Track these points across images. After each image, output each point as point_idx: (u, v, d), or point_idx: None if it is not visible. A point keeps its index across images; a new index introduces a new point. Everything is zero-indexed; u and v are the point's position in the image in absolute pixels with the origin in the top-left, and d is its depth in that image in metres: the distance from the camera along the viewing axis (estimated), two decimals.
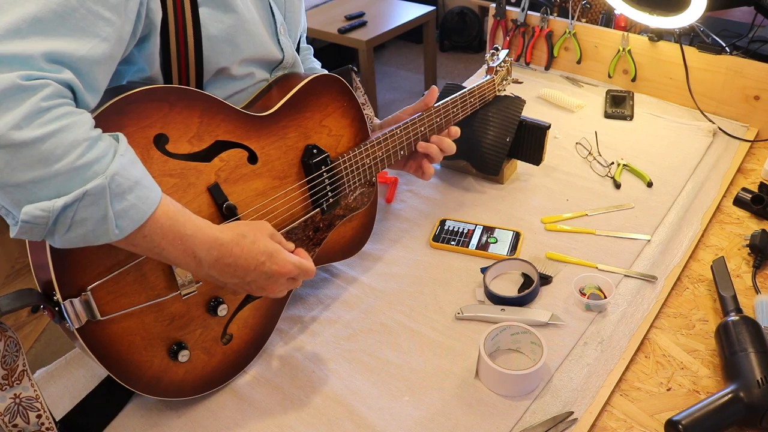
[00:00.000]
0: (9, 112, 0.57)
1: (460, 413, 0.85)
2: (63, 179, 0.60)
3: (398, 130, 1.04)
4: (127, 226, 0.64)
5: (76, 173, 0.60)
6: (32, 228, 0.61)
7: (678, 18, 1.32)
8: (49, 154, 0.59)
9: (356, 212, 1.04)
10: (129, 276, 0.75)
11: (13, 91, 0.57)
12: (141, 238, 0.67)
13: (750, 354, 0.83)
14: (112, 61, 0.69)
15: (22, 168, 0.58)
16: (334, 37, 3.22)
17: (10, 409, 0.72)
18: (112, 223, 0.63)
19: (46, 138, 0.59)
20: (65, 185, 0.60)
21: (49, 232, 0.62)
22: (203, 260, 0.72)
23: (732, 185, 1.28)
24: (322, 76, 0.94)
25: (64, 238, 0.63)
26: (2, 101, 0.57)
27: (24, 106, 0.58)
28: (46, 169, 0.59)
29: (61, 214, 0.60)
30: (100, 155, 0.62)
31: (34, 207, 0.59)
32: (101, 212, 0.62)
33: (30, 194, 0.59)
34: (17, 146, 0.57)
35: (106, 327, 0.74)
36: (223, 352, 0.87)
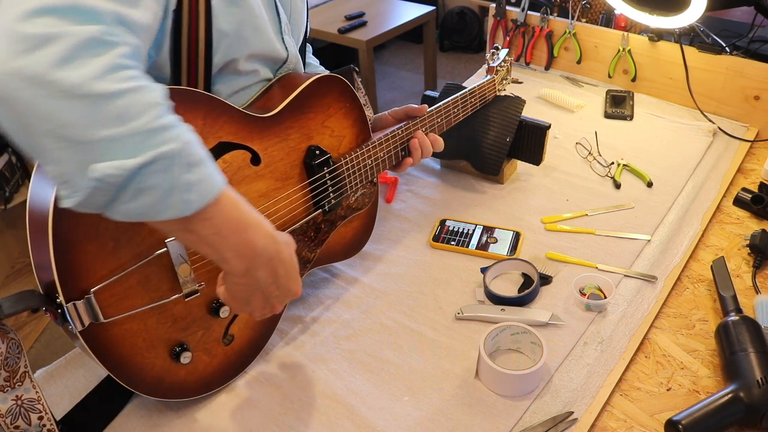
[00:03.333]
0: (90, 63, 0.55)
1: (460, 413, 0.85)
2: (137, 140, 0.57)
3: (399, 131, 1.04)
4: (195, 201, 0.61)
5: (150, 135, 0.57)
6: (98, 192, 0.57)
7: (678, 18, 1.32)
8: (125, 110, 0.56)
9: (357, 212, 1.04)
10: (132, 278, 0.75)
11: (95, 43, 0.56)
12: (201, 222, 0.63)
13: (750, 354, 0.83)
14: (152, 35, 0.68)
15: (97, 123, 0.55)
16: (334, 37, 3.22)
17: (12, 410, 0.72)
18: (180, 196, 0.60)
19: (125, 93, 0.56)
20: (138, 146, 0.57)
21: (113, 198, 0.58)
22: (261, 255, 0.68)
23: (732, 185, 1.28)
24: (325, 77, 0.94)
25: (126, 206, 0.59)
26: (84, 51, 0.55)
27: (103, 58, 0.56)
28: (121, 127, 0.56)
29: (135, 175, 0.57)
30: (172, 123, 0.60)
31: (107, 165, 0.56)
32: (171, 180, 0.59)
33: (101, 153, 0.56)
34: (95, 98, 0.55)
35: (108, 329, 0.74)
36: (225, 353, 0.87)
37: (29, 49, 0.54)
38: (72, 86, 0.54)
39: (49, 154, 0.56)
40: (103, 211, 0.60)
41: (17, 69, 0.53)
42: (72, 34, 0.55)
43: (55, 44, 0.54)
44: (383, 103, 3.85)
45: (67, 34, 0.55)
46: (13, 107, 0.54)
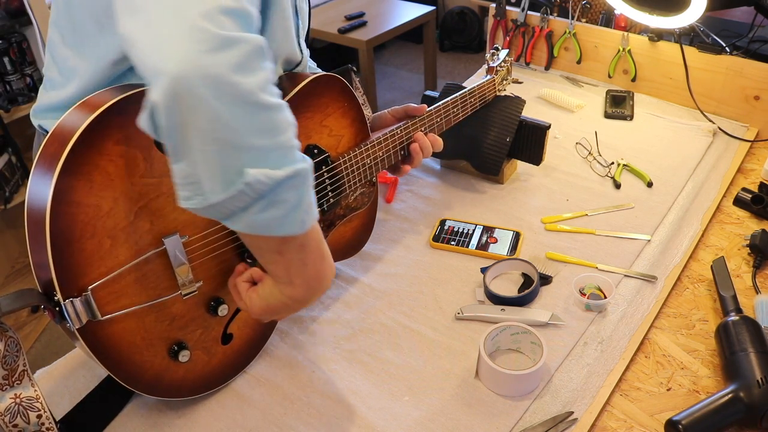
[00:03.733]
0: (258, 72, 0.56)
1: (460, 413, 0.85)
2: (280, 154, 0.59)
3: (399, 130, 1.04)
4: (308, 222, 0.63)
5: (289, 151, 0.60)
6: (238, 198, 0.58)
7: (678, 18, 1.32)
8: (277, 124, 0.58)
9: (356, 212, 1.04)
10: (129, 276, 0.75)
11: (261, 53, 0.57)
12: (295, 246, 0.65)
13: (750, 354, 0.83)
14: None
15: (254, 131, 0.57)
16: (334, 37, 3.23)
17: (11, 409, 0.72)
18: (300, 214, 0.62)
19: (277, 108, 0.58)
20: (279, 160, 0.59)
21: (246, 207, 0.59)
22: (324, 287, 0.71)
23: (732, 185, 1.28)
24: (323, 76, 0.94)
25: (252, 217, 0.60)
26: (255, 61, 0.56)
27: (266, 70, 0.58)
28: (272, 139, 0.58)
29: (278, 186, 0.58)
30: (298, 145, 0.62)
31: (259, 172, 0.57)
32: (299, 197, 0.61)
33: (249, 161, 0.57)
34: (259, 107, 0.56)
35: (106, 327, 0.74)
36: (224, 352, 0.87)
37: (214, 48, 0.54)
38: (246, 92, 0.55)
39: (195, 154, 0.57)
40: (225, 218, 0.61)
41: (201, 66, 0.53)
42: (248, 41, 0.56)
43: (236, 48, 0.55)
44: (383, 103, 3.85)
45: (244, 40, 0.56)
46: (185, 102, 0.54)
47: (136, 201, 0.74)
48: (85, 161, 0.69)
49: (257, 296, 0.75)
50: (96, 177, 0.70)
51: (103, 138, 0.70)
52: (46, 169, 0.69)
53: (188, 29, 0.54)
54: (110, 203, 0.71)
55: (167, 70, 0.53)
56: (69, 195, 0.68)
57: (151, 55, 0.55)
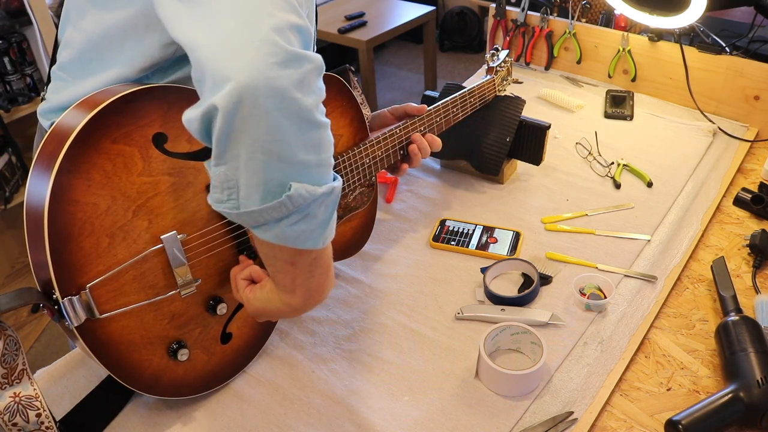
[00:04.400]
0: (315, 91, 0.59)
1: (460, 413, 0.85)
2: (321, 171, 0.61)
3: (398, 130, 1.04)
4: (328, 238, 0.65)
5: (329, 170, 0.62)
6: (276, 209, 0.60)
7: (678, 18, 1.32)
8: (322, 142, 0.60)
9: (356, 212, 1.04)
10: (128, 274, 0.75)
11: (319, 73, 0.59)
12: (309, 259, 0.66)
13: (750, 354, 0.83)
14: None
15: (304, 147, 0.59)
16: (334, 37, 3.23)
17: (10, 407, 0.72)
18: (324, 230, 0.64)
19: (324, 127, 0.60)
20: (319, 177, 0.61)
21: (281, 218, 0.61)
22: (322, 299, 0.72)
23: (732, 185, 1.28)
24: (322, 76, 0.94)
25: (284, 230, 0.62)
26: (314, 80, 0.59)
27: (322, 89, 0.60)
28: (317, 156, 0.60)
29: (315, 201, 0.61)
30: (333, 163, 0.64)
31: (302, 186, 0.59)
32: (328, 214, 0.63)
33: (294, 174, 0.59)
34: (311, 124, 0.59)
35: (105, 325, 0.74)
36: (223, 352, 0.87)
37: (282, 63, 0.56)
38: (304, 109, 0.57)
39: (241, 161, 0.58)
40: (257, 226, 0.62)
41: (270, 78, 0.55)
42: (311, 59, 0.58)
43: (301, 66, 0.57)
44: (383, 103, 3.85)
45: (308, 58, 0.58)
46: (247, 110, 0.56)
47: (134, 199, 0.74)
48: (83, 160, 0.69)
49: (254, 297, 0.76)
50: (94, 175, 0.70)
51: (101, 136, 0.70)
52: (44, 168, 0.69)
53: (260, 41, 0.56)
54: (108, 201, 0.71)
55: (236, 76, 0.55)
56: (67, 193, 0.68)
57: (219, 61, 0.56)
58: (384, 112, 1.11)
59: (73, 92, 0.82)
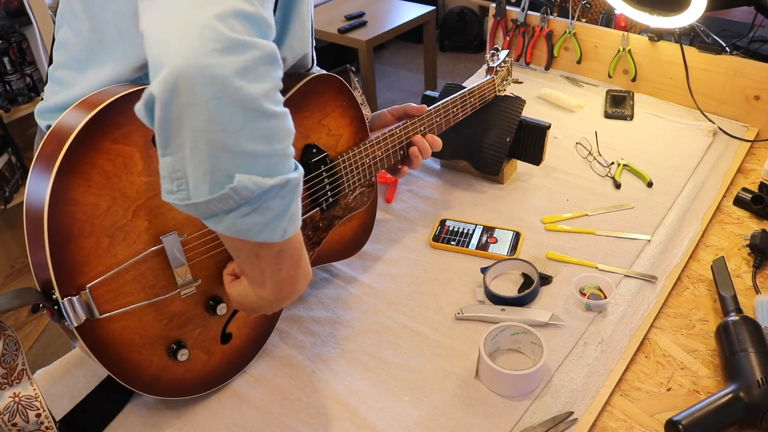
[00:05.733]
0: (266, 79, 0.57)
1: (460, 413, 0.85)
2: (275, 162, 0.59)
3: (398, 130, 1.04)
4: (290, 231, 0.63)
5: (284, 160, 0.60)
6: (223, 200, 0.58)
7: (678, 18, 1.32)
8: (275, 132, 0.58)
9: (356, 212, 1.04)
10: (128, 274, 0.75)
11: (271, 60, 0.57)
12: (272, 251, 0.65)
13: (750, 354, 0.83)
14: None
15: (250, 137, 0.57)
16: (334, 37, 3.23)
17: (10, 408, 0.72)
18: (282, 223, 0.62)
19: (278, 116, 0.58)
20: (273, 168, 0.59)
21: (230, 209, 0.59)
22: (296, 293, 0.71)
23: (732, 185, 1.28)
24: (321, 76, 0.94)
25: (235, 222, 0.60)
26: (264, 67, 0.56)
27: (274, 77, 0.58)
28: (268, 146, 0.58)
29: (264, 194, 0.58)
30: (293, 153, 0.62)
31: (247, 178, 0.57)
32: (284, 206, 0.61)
33: (241, 165, 0.57)
34: (259, 113, 0.56)
35: (105, 326, 0.74)
36: (223, 352, 0.87)
37: (222, 50, 0.54)
38: (248, 98, 0.55)
39: (186, 150, 0.57)
40: (207, 217, 0.60)
41: (206, 65, 0.53)
42: (259, 47, 0.56)
43: (246, 53, 0.55)
44: (383, 103, 3.85)
45: (255, 45, 0.56)
46: (183, 98, 0.54)
47: (134, 199, 0.74)
48: (83, 160, 0.69)
49: (235, 292, 0.75)
50: (94, 175, 0.70)
51: (101, 136, 0.70)
52: (44, 168, 0.69)
53: (200, 27, 0.54)
54: (108, 202, 0.71)
55: (171, 63, 0.53)
56: (67, 193, 0.68)
57: (159, 47, 0.55)
58: (384, 113, 1.11)
59: (70, 93, 0.82)
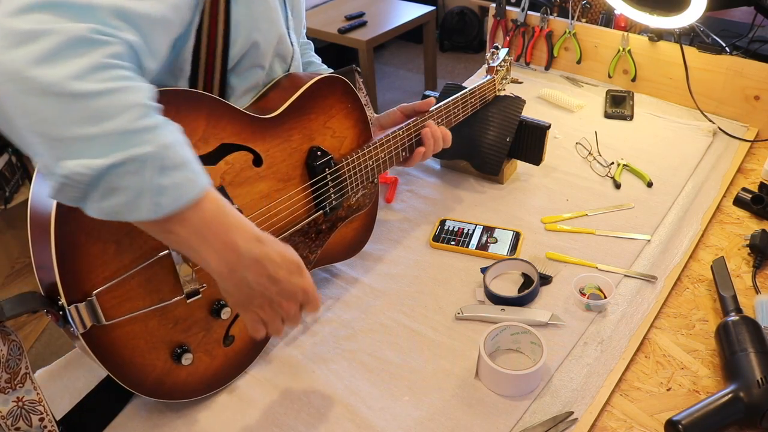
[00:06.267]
0: (71, 62, 0.56)
1: (460, 413, 0.85)
2: (111, 140, 0.57)
3: (400, 132, 1.04)
4: (167, 205, 0.60)
5: (125, 137, 0.57)
6: (68, 188, 0.57)
7: (678, 18, 1.32)
8: (102, 111, 0.57)
9: (358, 213, 1.04)
10: (134, 280, 0.75)
11: (81, 42, 0.56)
12: (179, 224, 0.63)
13: (750, 354, 0.83)
14: (170, 25, 0.69)
15: (72, 122, 0.56)
16: (334, 37, 3.22)
17: (13, 412, 0.72)
18: (152, 198, 0.59)
19: (103, 94, 0.57)
20: (110, 147, 0.57)
21: (84, 195, 0.58)
22: (244, 256, 0.67)
23: (732, 185, 1.28)
24: (327, 78, 0.94)
25: (99, 205, 0.59)
26: (67, 50, 0.56)
27: (87, 57, 0.57)
28: (96, 128, 0.56)
29: (102, 175, 0.57)
30: (153, 125, 0.59)
31: (76, 163, 0.56)
32: (141, 183, 0.59)
33: (73, 151, 0.56)
34: (72, 97, 0.55)
35: (110, 331, 0.74)
36: (225, 354, 0.87)
37: (14, 44, 0.55)
38: (48, 84, 0.55)
39: (29, 147, 0.58)
40: (77, 205, 0.60)
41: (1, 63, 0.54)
42: (59, 31, 0.56)
43: (41, 41, 0.55)
44: (383, 103, 3.85)
45: (54, 31, 0.56)
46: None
47: None
48: None
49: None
50: None
51: None
52: None
53: None
54: None
55: None
56: None
57: None
58: (394, 111, 1.12)
59: None
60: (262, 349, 0.94)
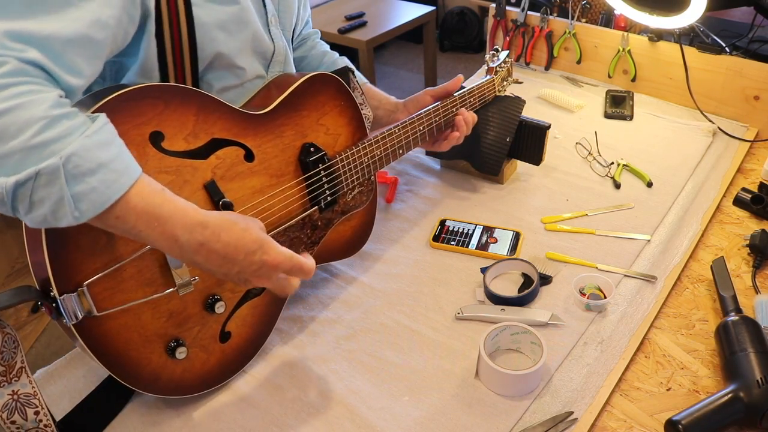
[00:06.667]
0: None
1: (460, 413, 0.85)
2: (17, 158, 0.59)
3: (396, 129, 1.05)
4: (87, 210, 0.62)
5: (30, 152, 0.59)
6: None
7: (678, 18, 1.32)
8: (2, 131, 0.58)
9: (355, 211, 1.04)
10: (126, 272, 0.75)
11: None
12: (114, 220, 0.64)
13: (750, 354, 0.83)
14: (91, 43, 0.68)
15: None
16: (334, 37, 3.22)
17: (8, 405, 0.72)
18: (71, 206, 0.61)
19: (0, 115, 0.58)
20: (20, 164, 0.59)
21: (12, 208, 0.61)
22: (185, 244, 0.68)
23: (732, 185, 1.28)
24: (318, 75, 0.94)
25: (28, 217, 0.62)
26: None
27: None
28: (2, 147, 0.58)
29: (15, 191, 0.59)
30: (59, 135, 0.61)
31: None
32: (58, 193, 0.60)
33: None
34: None
35: (103, 323, 0.74)
36: (222, 351, 0.87)
37: None
38: None
39: None
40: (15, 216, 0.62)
41: None
42: None
43: None
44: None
45: None
46: None
47: None
48: None
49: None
50: None
51: None
52: None
53: None
54: None
55: None
56: None
57: None
58: (422, 95, 1.17)
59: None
60: (261, 347, 0.93)
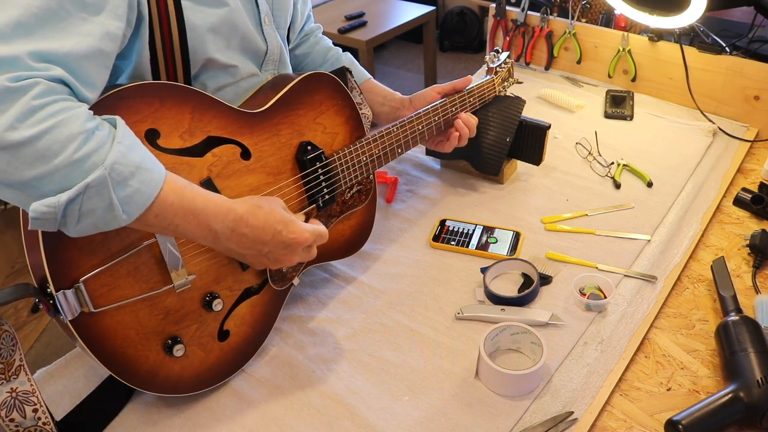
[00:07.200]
0: (2, 115, 0.59)
1: (460, 413, 0.85)
2: (63, 174, 0.61)
3: (395, 128, 1.05)
4: (134, 211, 0.66)
5: (75, 167, 0.62)
6: (43, 223, 0.62)
7: (678, 18, 1.32)
8: (46, 150, 0.60)
9: (354, 210, 1.04)
10: (122, 268, 0.75)
11: (3, 94, 0.59)
12: (153, 218, 0.68)
13: (750, 354, 0.83)
14: (103, 55, 0.69)
15: (24, 167, 0.60)
16: (334, 37, 3.22)
17: (7, 403, 0.72)
18: (119, 210, 0.65)
19: (42, 135, 0.60)
20: (67, 179, 0.62)
21: (60, 224, 0.63)
22: (219, 232, 0.74)
23: (732, 185, 1.28)
24: (314, 75, 0.94)
25: (76, 228, 0.64)
26: None
27: (16, 107, 0.59)
28: (46, 166, 0.60)
29: (67, 208, 0.62)
30: (97, 146, 0.63)
31: (40, 204, 0.61)
32: (106, 201, 0.64)
33: (36, 190, 0.61)
34: (15, 146, 0.59)
35: (100, 320, 0.74)
36: (221, 349, 0.87)
37: None
38: None
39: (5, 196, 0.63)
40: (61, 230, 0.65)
41: None
42: None
43: None
44: None
45: None
46: None
47: None
48: None
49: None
50: None
51: None
52: None
53: None
54: None
55: None
56: None
57: None
58: (428, 92, 1.17)
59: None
60: (260, 346, 0.94)
